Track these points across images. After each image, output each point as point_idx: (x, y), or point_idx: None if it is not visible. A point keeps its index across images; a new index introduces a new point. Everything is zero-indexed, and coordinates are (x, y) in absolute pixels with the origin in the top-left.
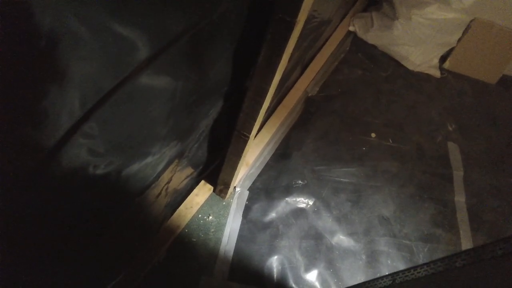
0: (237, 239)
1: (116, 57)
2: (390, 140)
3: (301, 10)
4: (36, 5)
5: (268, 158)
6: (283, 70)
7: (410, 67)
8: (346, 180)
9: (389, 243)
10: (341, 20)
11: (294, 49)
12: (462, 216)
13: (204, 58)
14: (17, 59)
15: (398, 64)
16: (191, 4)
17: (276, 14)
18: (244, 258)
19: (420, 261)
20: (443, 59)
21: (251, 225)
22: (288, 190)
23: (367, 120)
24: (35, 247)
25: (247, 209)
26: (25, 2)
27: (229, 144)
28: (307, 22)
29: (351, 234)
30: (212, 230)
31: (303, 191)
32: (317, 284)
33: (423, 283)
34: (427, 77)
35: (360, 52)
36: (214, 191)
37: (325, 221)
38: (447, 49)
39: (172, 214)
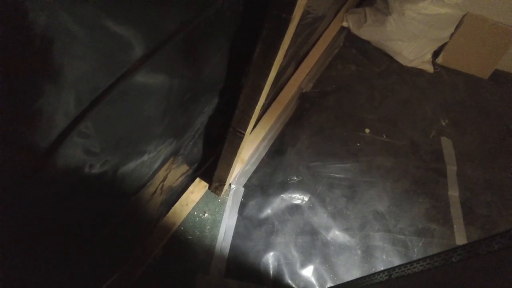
0: (233, 236)
1: (111, 56)
2: (384, 136)
3: (297, 7)
4: (31, 4)
5: (263, 154)
6: (278, 66)
7: (404, 63)
8: (341, 175)
9: (384, 238)
10: (334, 16)
11: (289, 46)
12: (456, 210)
13: (199, 55)
14: (12, 59)
15: (391, 60)
16: (186, 2)
17: (271, 10)
18: (240, 255)
19: (415, 256)
20: (436, 54)
21: (247, 222)
22: (283, 187)
23: (361, 116)
24: (31, 247)
25: (242, 206)
26: (20, 2)
27: (225, 141)
28: (301, 18)
29: (346, 230)
30: (208, 227)
31: (298, 187)
32: (313, 279)
33: (419, 278)
34: (420, 72)
35: (354, 47)
36: (209, 188)
37: (320, 217)
38: (440, 44)
39: (167, 211)
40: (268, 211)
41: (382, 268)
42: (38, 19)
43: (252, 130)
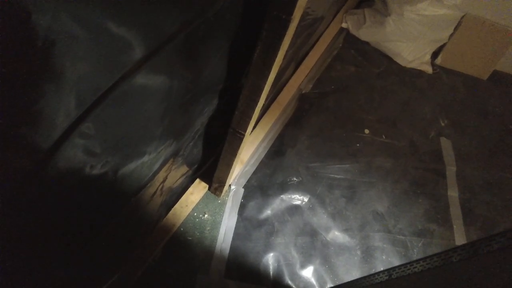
0: (233, 237)
1: (111, 57)
2: (384, 136)
3: (296, 8)
4: (33, 6)
5: (262, 155)
6: (278, 67)
7: (403, 64)
8: (341, 176)
9: (384, 238)
10: (333, 17)
11: (288, 47)
12: (455, 211)
13: (199, 56)
14: (14, 60)
15: (390, 61)
16: (186, 3)
17: (271, 11)
18: (240, 255)
19: (415, 256)
20: (435, 55)
21: (247, 222)
22: (283, 187)
23: (360, 117)
24: (31, 247)
25: (242, 207)
26: (22, 3)
27: (224, 142)
28: (301, 19)
29: (346, 230)
30: (208, 228)
31: (298, 188)
32: (313, 280)
33: (419, 278)
34: (420, 73)
35: (353, 48)
36: (209, 189)
37: (320, 218)
38: (439, 45)
39: (167, 213)
40: (268, 212)
41: (382, 269)
42: (41, 21)
43: (251, 131)
